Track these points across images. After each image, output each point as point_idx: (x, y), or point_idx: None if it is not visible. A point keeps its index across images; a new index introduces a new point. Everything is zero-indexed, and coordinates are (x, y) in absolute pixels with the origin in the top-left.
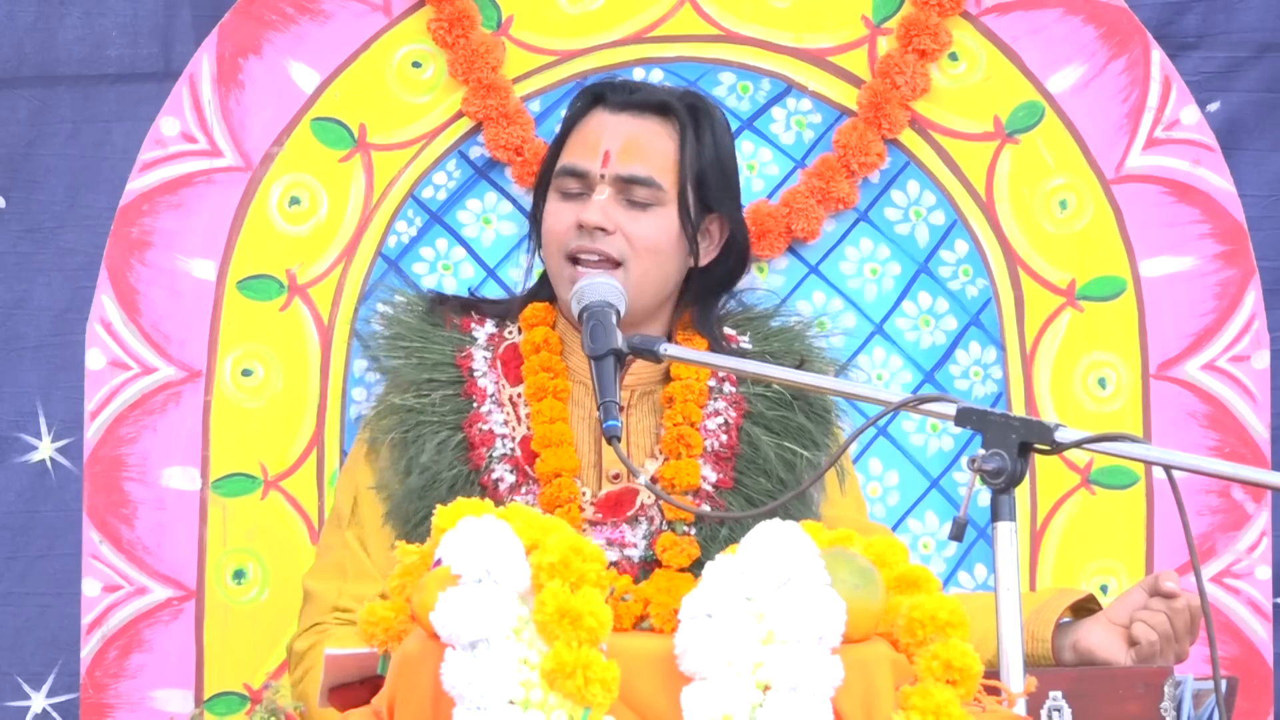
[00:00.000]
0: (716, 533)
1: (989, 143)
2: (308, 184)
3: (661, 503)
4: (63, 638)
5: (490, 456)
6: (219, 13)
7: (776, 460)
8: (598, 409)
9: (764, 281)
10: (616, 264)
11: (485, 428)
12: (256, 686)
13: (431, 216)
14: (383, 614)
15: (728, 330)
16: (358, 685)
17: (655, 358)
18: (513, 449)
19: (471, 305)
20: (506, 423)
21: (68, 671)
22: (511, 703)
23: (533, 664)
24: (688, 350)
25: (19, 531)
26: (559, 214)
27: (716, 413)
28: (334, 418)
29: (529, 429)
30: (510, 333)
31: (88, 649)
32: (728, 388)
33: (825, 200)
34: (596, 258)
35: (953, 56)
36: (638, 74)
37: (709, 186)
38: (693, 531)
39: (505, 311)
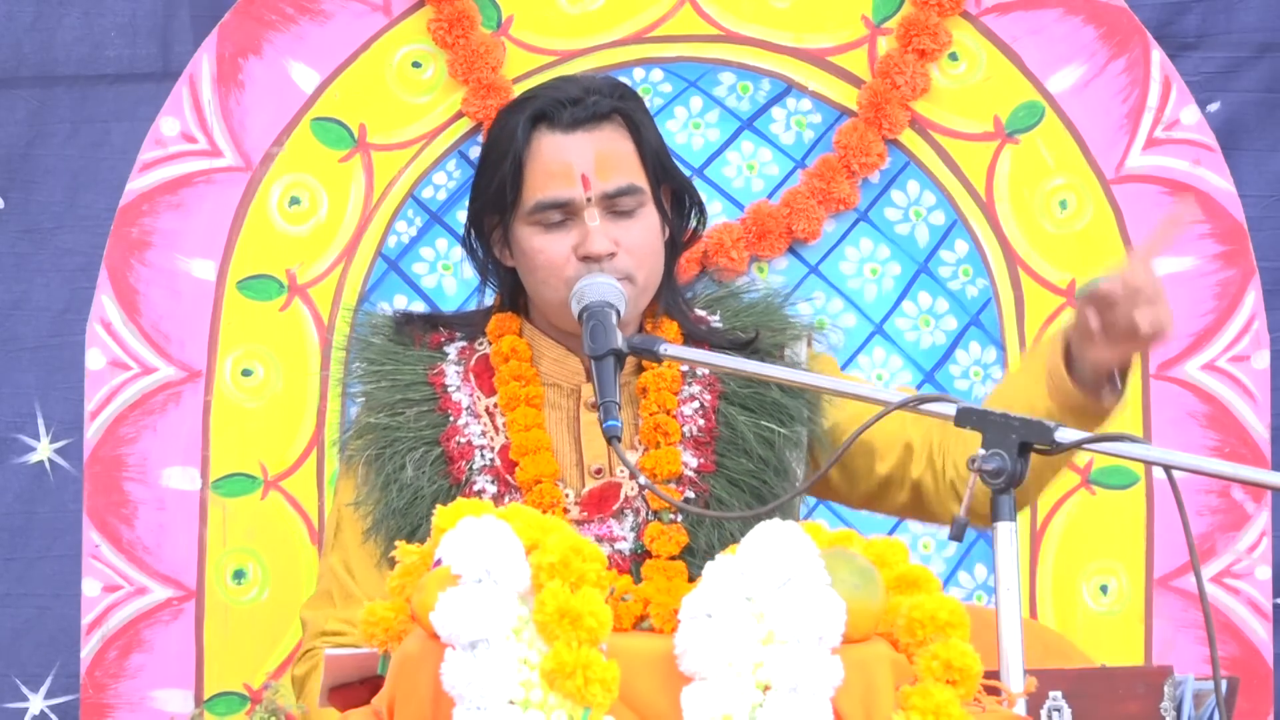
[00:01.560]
0: (703, 517)
1: (989, 143)
2: (308, 184)
3: (646, 492)
4: (61, 639)
5: (470, 468)
6: (219, 13)
7: (755, 439)
8: (597, 409)
9: (764, 281)
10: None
11: (463, 440)
12: (256, 686)
13: (431, 216)
14: (383, 614)
15: (700, 311)
16: (358, 685)
17: (656, 358)
18: (492, 459)
19: (439, 321)
20: (484, 434)
21: (66, 673)
22: (511, 703)
23: (533, 664)
24: (690, 351)
25: (17, 533)
26: (551, 247)
27: (691, 397)
28: (334, 418)
29: (507, 438)
30: (481, 344)
31: (88, 649)
32: (700, 370)
33: (826, 200)
34: None
35: (953, 56)
36: (638, 74)
37: (663, 164)
38: (679, 518)
39: (472, 325)
